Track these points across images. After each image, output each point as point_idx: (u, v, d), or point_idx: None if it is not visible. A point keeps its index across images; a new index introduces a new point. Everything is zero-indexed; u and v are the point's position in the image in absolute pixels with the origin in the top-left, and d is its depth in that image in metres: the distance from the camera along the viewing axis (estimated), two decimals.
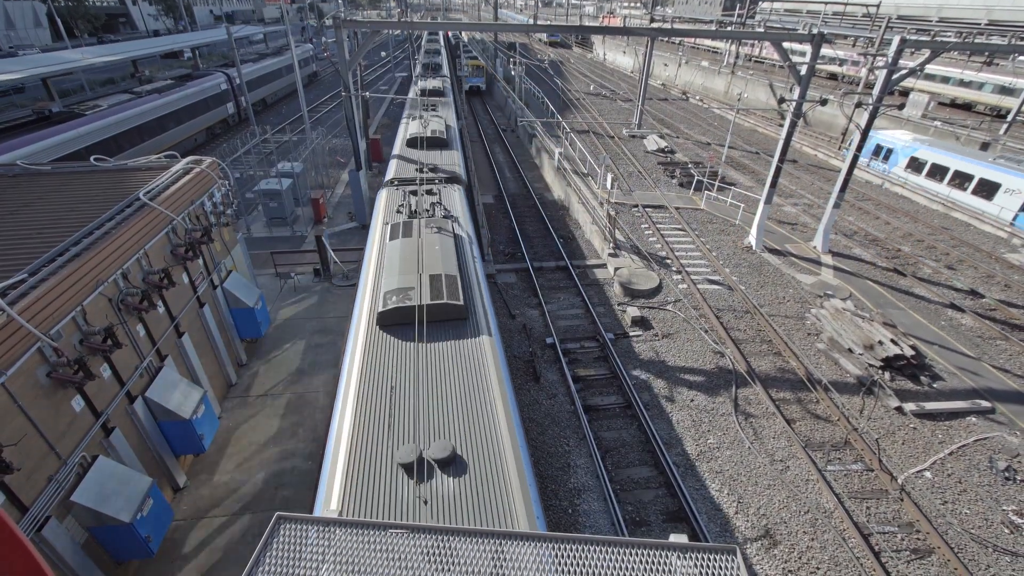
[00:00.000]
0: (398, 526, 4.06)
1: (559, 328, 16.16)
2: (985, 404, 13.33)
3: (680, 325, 16.30)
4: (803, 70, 17.37)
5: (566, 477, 11.38)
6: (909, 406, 13.18)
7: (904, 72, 16.81)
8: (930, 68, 44.74)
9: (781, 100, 16.25)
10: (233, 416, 12.59)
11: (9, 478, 6.75)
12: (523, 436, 6.75)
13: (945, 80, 44.30)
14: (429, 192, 13.58)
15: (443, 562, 3.83)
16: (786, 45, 48.83)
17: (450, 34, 77.31)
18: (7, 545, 3.78)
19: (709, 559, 3.87)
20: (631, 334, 15.89)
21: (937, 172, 25.43)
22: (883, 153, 28.56)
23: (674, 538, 4.06)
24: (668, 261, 19.76)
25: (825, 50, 51.68)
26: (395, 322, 8.50)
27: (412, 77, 37.05)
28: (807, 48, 24.72)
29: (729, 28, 58.07)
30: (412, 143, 18.40)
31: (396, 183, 14.61)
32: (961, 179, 24.22)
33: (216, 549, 9.63)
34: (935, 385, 14.04)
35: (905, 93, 44.66)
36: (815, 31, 16.57)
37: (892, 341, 14.65)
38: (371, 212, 17.50)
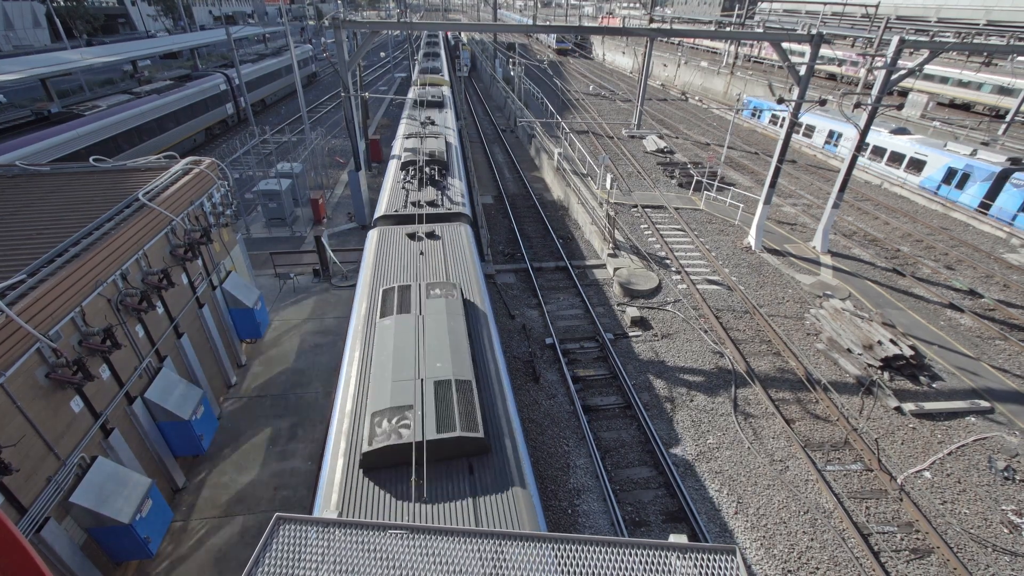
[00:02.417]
0: (398, 527, 4.05)
1: (558, 328, 16.16)
2: (984, 404, 13.34)
3: (679, 325, 16.31)
4: (802, 70, 17.39)
5: (566, 477, 11.38)
6: (908, 406, 13.19)
7: (903, 72, 16.84)
8: (929, 68, 44.82)
9: (780, 100, 16.25)
10: (232, 417, 12.58)
11: (8, 479, 6.74)
12: (523, 436, 6.75)
13: (944, 80, 44.38)
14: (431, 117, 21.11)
15: (443, 563, 3.83)
16: (785, 45, 48.87)
17: (449, 35, 77.42)
18: (5, 546, 3.78)
19: (709, 559, 3.87)
20: (630, 334, 15.89)
21: (781, 122, 36.35)
22: (758, 113, 40.57)
23: (674, 538, 4.06)
24: (667, 261, 19.77)
25: (824, 50, 51.70)
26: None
27: (411, 78, 37.69)
28: (806, 48, 24.83)
29: (728, 28, 58.05)
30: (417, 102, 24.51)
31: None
32: (798, 126, 34.92)
33: (216, 549, 9.62)
34: (934, 385, 14.05)
35: (904, 93, 44.74)
36: (814, 31, 16.59)
37: (891, 341, 14.65)
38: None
